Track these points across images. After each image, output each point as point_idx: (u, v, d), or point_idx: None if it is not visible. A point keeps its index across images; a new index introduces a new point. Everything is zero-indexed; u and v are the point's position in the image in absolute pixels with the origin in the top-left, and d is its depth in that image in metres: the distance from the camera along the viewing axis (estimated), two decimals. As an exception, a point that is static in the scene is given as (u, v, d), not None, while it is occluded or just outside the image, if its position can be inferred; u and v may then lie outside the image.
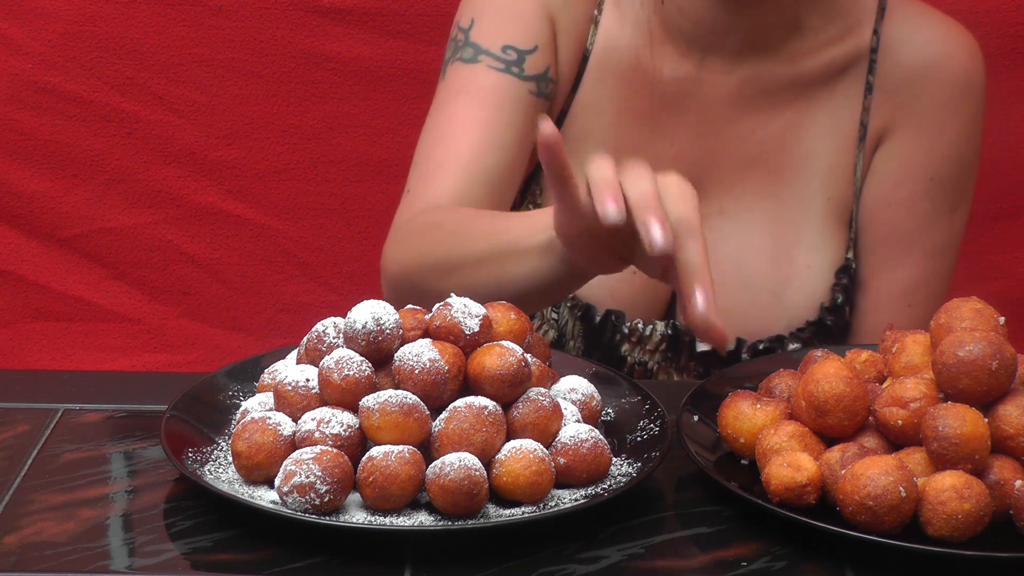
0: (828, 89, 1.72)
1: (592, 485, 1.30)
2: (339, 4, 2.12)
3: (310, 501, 1.23)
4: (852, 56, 1.72)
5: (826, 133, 1.73)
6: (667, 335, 1.73)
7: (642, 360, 1.73)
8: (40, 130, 2.12)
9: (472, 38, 1.71)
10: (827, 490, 1.28)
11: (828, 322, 1.71)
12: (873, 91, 1.72)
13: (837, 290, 1.72)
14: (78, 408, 1.47)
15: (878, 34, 1.72)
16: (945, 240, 1.76)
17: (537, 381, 1.34)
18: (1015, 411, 1.26)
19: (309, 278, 2.20)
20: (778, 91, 1.72)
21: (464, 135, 1.67)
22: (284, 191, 2.18)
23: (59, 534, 1.26)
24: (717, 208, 1.72)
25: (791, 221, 1.72)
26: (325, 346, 1.34)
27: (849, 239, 1.74)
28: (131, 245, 2.17)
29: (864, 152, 1.73)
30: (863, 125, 1.73)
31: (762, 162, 1.73)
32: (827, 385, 1.31)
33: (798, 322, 1.71)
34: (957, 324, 1.33)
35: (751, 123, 1.72)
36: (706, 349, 1.67)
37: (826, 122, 1.73)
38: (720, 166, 1.73)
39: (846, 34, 1.72)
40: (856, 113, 1.73)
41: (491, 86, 1.69)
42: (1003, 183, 2.13)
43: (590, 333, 1.73)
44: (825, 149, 1.73)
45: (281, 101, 2.15)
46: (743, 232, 1.72)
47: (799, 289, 1.70)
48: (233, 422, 1.38)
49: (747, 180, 1.73)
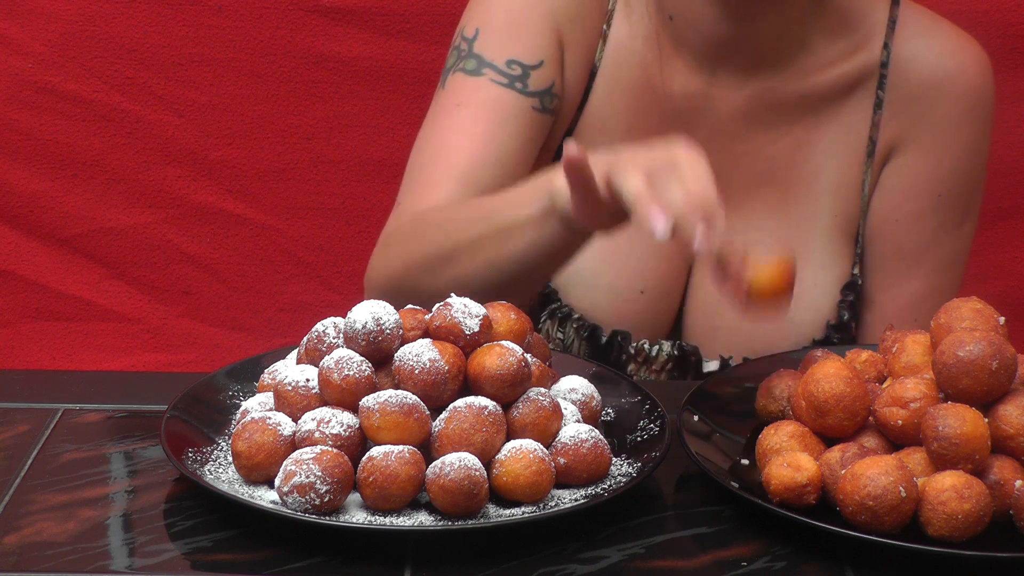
0: (838, 105, 1.71)
1: (592, 485, 1.30)
2: (339, 4, 2.12)
3: (310, 501, 1.23)
4: (862, 71, 1.71)
5: (835, 149, 1.71)
6: (673, 355, 1.72)
7: (649, 379, 1.72)
8: (40, 130, 2.12)
9: (476, 49, 1.68)
10: (827, 490, 1.28)
11: (835, 340, 1.70)
12: (883, 106, 1.70)
13: (843, 307, 1.70)
14: (78, 408, 1.47)
15: (888, 49, 1.70)
16: (952, 255, 1.74)
17: (537, 381, 1.34)
18: (1015, 411, 1.26)
19: (309, 278, 2.20)
20: (787, 107, 1.70)
21: (461, 148, 1.65)
22: (284, 191, 2.18)
23: (59, 534, 1.26)
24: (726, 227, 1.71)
25: (799, 240, 1.71)
26: (325, 346, 1.34)
27: (855, 254, 1.73)
28: (131, 245, 2.17)
29: (872, 168, 1.72)
30: (872, 140, 1.71)
31: (771, 180, 1.72)
32: (827, 385, 1.31)
33: (805, 340, 1.70)
34: (957, 324, 1.33)
35: (761, 140, 1.71)
36: (714, 368, 1.68)
37: (835, 138, 1.71)
38: (729, 184, 1.70)
39: (855, 49, 1.71)
40: (865, 128, 1.72)
41: (493, 100, 1.66)
42: (1003, 183, 2.12)
43: (596, 353, 1.71)
44: (834, 166, 1.71)
45: (281, 101, 2.15)
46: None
47: (806, 307, 1.69)
48: (233, 422, 1.38)
49: (756, 198, 1.72)
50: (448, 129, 1.66)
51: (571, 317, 1.71)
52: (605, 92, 1.71)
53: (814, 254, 1.71)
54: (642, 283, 1.71)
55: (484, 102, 1.66)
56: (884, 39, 1.70)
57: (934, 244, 1.73)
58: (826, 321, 1.71)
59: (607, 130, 1.71)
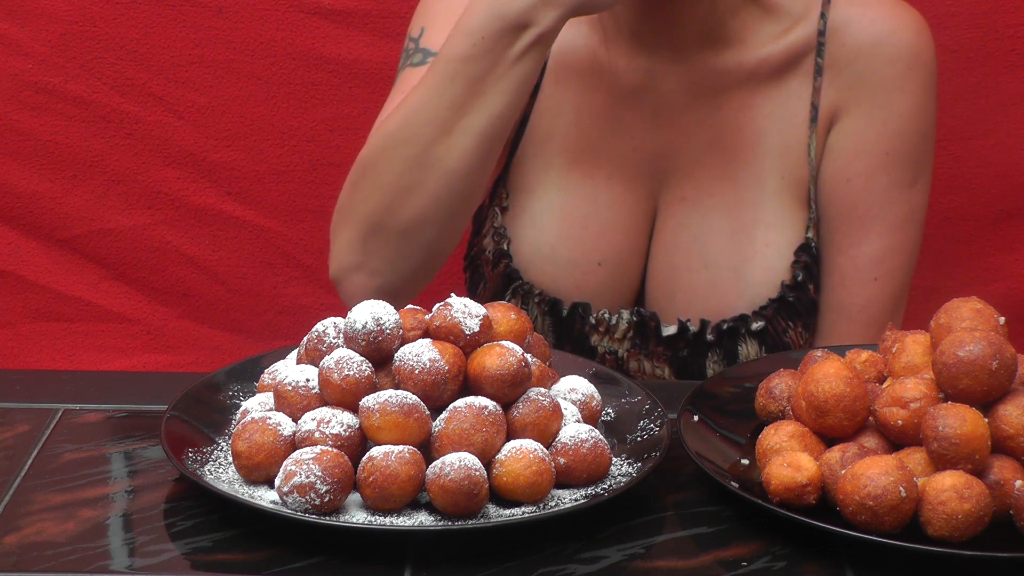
0: (778, 74, 1.76)
1: (592, 485, 1.30)
2: (339, 5, 2.12)
3: (310, 501, 1.23)
4: (801, 43, 1.75)
5: (778, 114, 1.76)
6: (633, 322, 1.76)
7: (612, 348, 1.76)
8: (40, 130, 2.12)
9: (422, 44, 1.75)
10: (827, 490, 1.28)
11: (790, 299, 1.73)
12: (822, 73, 1.75)
13: (797, 267, 1.74)
14: (78, 408, 1.47)
15: (825, 18, 1.75)
16: (906, 213, 1.78)
17: (537, 381, 1.35)
18: (1015, 411, 1.26)
19: (308, 280, 2.20)
20: (729, 78, 1.75)
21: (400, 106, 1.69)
22: (284, 193, 2.18)
23: (59, 534, 1.26)
24: (679, 196, 1.76)
25: (749, 202, 1.75)
26: (325, 346, 1.34)
27: (808, 219, 1.76)
28: (131, 246, 2.17)
29: (817, 133, 1.76)
30: (814, 106, 1.76)
31: (719, 146, 1.76)
32: (827, 385, 1.31)
33: (760, 300, 1.74)
34: (957, 324, 1.33)
35: (705, 109, 1.75)
36: (672, 332, 1.70)
37: (778, 104, 1.76)
38: (679, 154, 1.76)
39: (793, 23, 1.75)
40: (807, 95, 1.76)
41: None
42: (1003, 184, 2.13)
43: (559, 326, 1.76)
44: (777, 131, 1.76)
45: (281, 102, 2.15)
46: (703, 216, 1.76)
47: (759, 267, 1.73)
48: (233, 422, 1.38)
49: (705, 165, 1.76)
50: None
51: (532, 293, 1.76)
52: (555, 78, 1.77)
53: (764, 215, 1.75)
54: (600, 255, 1.75)
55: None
56: (821, 9, 1.75)
57: (887, 203, 1.76)
58: (780, 281, 1.74)
59: (559, 113, 1.77)
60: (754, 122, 1.76)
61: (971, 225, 2.14)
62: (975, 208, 2.14)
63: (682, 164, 1.76)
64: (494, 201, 1.81)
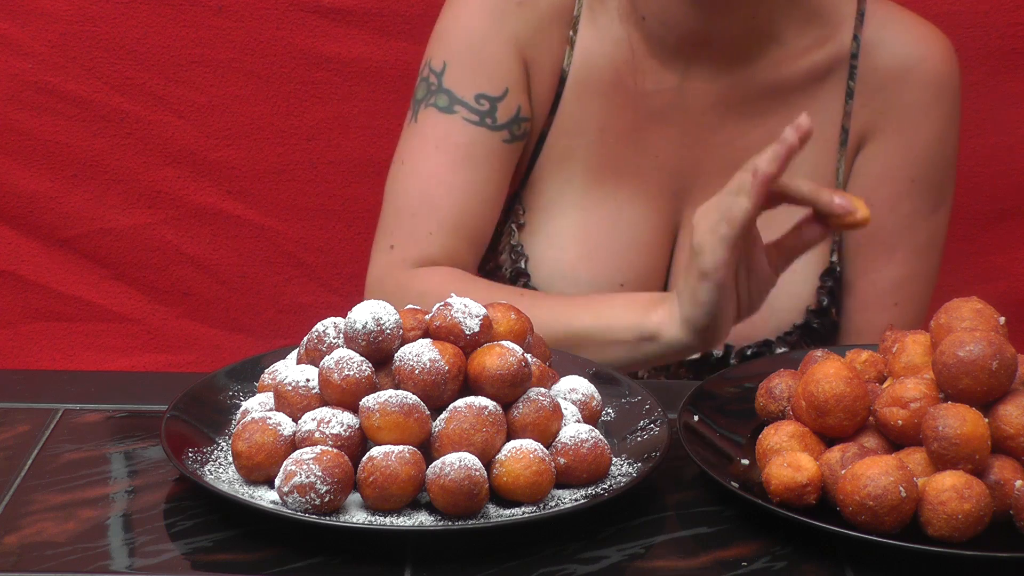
0: (809, 95, 1.75)
1: (592, 485, 1.30)
2: (339, 4, 2.12)
3: (310, 501, 1.23)
4: (832, 62, 1.75)
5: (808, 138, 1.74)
6: None
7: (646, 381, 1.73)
8: (40, 130, 2.12)
9: (446, 84, 1.75)
10: (827, 490, 1.28)
11: (815, 325, 1.72)
12: (854, 96, 1.75)
13: (822, 292, 1.73)
14: (78, 408, 1.47)
15: (858, 40, 1.74)
16: (928, 239, 1.78)
17: (537, 381, 1.35)
18: (1015, 411, 1.26)
19: (309, 279, 2.20)
20: (760, 98, 1.74)
21: (446, 199, 1.73)
22: (284, 192, 2.18)
23: (59, 534, 1.26)
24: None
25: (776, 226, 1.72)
26: (325, 346, 1.34)
27: (833, 242, 1.76)
28: (131, 245, 2.17)
29: (845, 156, 1.75)
30: (844, 129, 1.75)
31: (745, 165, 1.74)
32: (827, 385, 1.31)
33: (785, 326, 1.73)
34: (957, 324, 1.33)
35: (734, 130, 1.75)
36: (695, 356, 1.69)
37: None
38: (705, 174, 1.75)
39: (825, 41, 1.75)
40: (837, 118, 1.75)
41: (468, 142, 1.74)
42: (1004, 183, 2.13)
43: None
44: (806, 154, 1.74)
45: (281, 101, 2.15)
46: None
47: (785, 293, 1.71)
48: (233, 422, 1.38)
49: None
50: (430, 177, 1.74)
51: None
52: (575, 96, 1.76)
53: None
54: (622, 276, 1.75)
55: (459, 146, 1.74)
56: (853, 31, 1.74)
57: (910, 229, 1.76)
58: (806, 307, 1.73)
59: (581, 131, 1.76)
60: None
61: (971, 224, 2.14)
62: (975, 207, 2.14)
63: (708, 184, 1.73)
64: (510, 218, 1.80)
